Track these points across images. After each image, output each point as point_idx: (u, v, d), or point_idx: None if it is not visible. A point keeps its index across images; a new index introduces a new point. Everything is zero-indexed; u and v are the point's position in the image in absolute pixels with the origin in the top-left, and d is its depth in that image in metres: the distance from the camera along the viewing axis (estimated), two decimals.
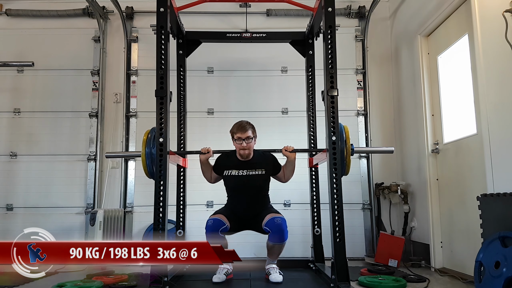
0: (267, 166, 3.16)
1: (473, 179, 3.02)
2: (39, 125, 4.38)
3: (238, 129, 3.06)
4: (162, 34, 2.87)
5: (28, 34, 4.50)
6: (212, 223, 2.90)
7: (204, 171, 3.20)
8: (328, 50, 2.90)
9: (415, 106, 3.92)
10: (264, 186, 3.19)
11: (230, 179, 3.13)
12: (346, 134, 2.90)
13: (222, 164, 3.17)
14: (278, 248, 3.02)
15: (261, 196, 3.17)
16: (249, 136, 3.04)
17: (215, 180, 3.25)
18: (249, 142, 3.05)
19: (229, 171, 3.12)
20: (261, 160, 3.16)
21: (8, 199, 4.26)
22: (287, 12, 4.51)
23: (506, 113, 2.57)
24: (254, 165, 3.12)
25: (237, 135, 3.05)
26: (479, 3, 2.84)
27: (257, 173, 3.11)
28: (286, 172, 3.21)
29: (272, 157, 3.24)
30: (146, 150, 2.84)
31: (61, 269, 3.73)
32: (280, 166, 3.23)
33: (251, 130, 3.07)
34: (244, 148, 3.05)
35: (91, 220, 3.79)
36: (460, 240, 3.24)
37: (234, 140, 3.08)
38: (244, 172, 3.10)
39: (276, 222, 2.90)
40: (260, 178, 3.12)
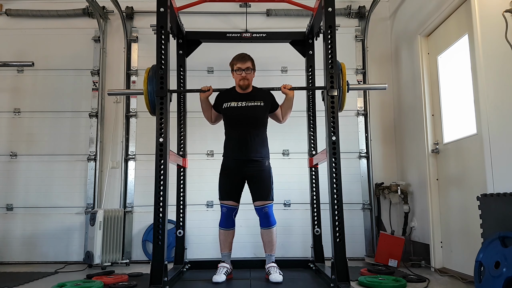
0: (265, 99, 3.22)
1: (473, 179, 3.02)
2: (39, 125, 4.38)
3: (238, 59, 3.15)
4: (162, 34, 2.87)
5: (28, 34, 4.50)
6: (226, 210, 3.13)
7: (204, 109, 3.27)
8: (328, 50, 2.90)
9: (415, 106, 3.92)
10: (263, 120, 3.22)
11: (229, 110, 3.18)
12: (343, 69, 2.93)
13: (221, 99, 3.24)
14: (269, 234, 3.12)
15: (259, 132, 3.18)
16: (249, 66, 3.14)
17: (215, 118, 3.31)
18: (249, 73, 3.14)
19: (229, 103, 3.18)
20: (260, 93, 3.24)
21: (8, 199, 4.26)
22: (287, 12, 4.51)
23: (506, 113, 2.57)
24: (254, 97, 3.20)
25: (237, 65, 3.14)
26: (479, 3, 2.84)
27: (256, 104, 3.17)
28: (284, 109, 3.27)
29: (271, 93, 3.30)
30: (148, 88, 2.90)
31: (61, 269, 3.74)
32: (277, 104, 3.29)
33: (250, 61, 3.17)
34: (244, 78, 3.12)
35: (91, 220, 3.80)
36: (460, 240, 3.24)
37: (234, 71, 3.17)
38: (243, 103, 3.16)
39: (264, 211, 3.10)
40: (259, 110, 3.18)
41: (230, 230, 3.16)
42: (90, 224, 3.80)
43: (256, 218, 3.18)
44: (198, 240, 4.10)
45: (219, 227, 3.17)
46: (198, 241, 4.10)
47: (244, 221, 3.82)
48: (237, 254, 3.70)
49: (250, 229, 4.02)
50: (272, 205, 3.15)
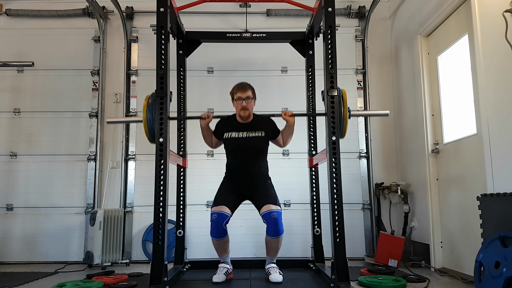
0: (266, 128, 3.19)
1: (473, 179, 3.02)
2: (39, 125, 4.38)
3: (239, 89, 3.11)
4: (162, 34, 2.87)
5: (28, 34, 4.50)
6: (216, 217, 2.95)
7: (205, 136, 3.24)
8: (328, 50, 2.90)
9: (415, 106, 3.92)
10: (263, 149, 3.21)
11: (230, 141, 3.15)
12: (344, 97, 2.92)
13: (222, 127, 3.21)
14: (275, 243, 3.03)
15: (260, 160, 3.18)
16: (249, 96, 3.10)
17: (216, 144, 3.29)
18: (249, 102, 3.10)
19: (229, 133, 3.15)
20: (260, 123, 3.20)
21: (8, 199, 4.26)
22: (287, 12, 4.51)
23: (506, 113, 2.57)
24: (254, 127, 3.16)
25: (237, 94, 3.10)
26: (479, 3, 2.84)
27: (256, 135, 3.14)
28: (285, 136, 3.24)
29: (271, 120, 3.27)
30: (147, 115, 2.87)
31: (61, 269, 3.74)
32: (278, 130, 3.26)
33: (251, 90, 3.13)
34: (244, 108, 3.09)
35: (91, 220, 3.80)
36: (460, 240, 3.24)
37: (234, 100, 3.13)
38: (244, 134, 3.13)
39: (273, 217, 2.93)
40: (260, 140, 3.15)
41: (223, 239, 3.01)
42: (90, 224, 3.80)
43: (256, 218, 3.16)
44: (198, 240, 4.10)
45: (211, 237, 3.00)
46: (198, 241, 4.10)
47: (244, 221, 3.83)
48: (237, 254, 3.70)
49: (250, 229, 4.03)
50: (281, 212, 3.00)
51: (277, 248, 3.08)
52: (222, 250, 3.10)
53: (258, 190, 3.12)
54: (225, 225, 2.96)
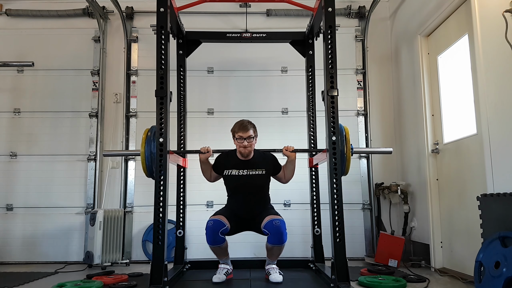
0: (267, 166, 3.15)
1: (473, 179, 3.02)
2: (39, 125, 4.38)
3: (240, 128, 3.05)
4: (162, 34, 2.87)
5: (28, 34, 4.50)
6: (212, 224, 2.90)
7: (204, 170, 3.20)
8: (328, 50, 2.90)
9: (415, 106, 3.92)
10: (264, 186, 3.18)
11: (231, 178, 3.12)
12: (346, 135, 2.90)
13: (222, 164, 3.17)
14: (278, 249, 3.01)
15: (261, 196, 3.17)
16: (250, 135, 3.04)
17: (214, 179, 3.25)
18: (251, 142, 3.05)
19: (230, 170, 3.12)
20: (261, 160, 3.15)
21: (8, 199, 4.26)
22: (287, 12, 4.51)
23: (506, 113, 2.57)
24: (255, 164, 3.12)
25: (239, 134, 3.04)
26: (479, 3, 2.84)
27: (257, 173, 3.11)
28: (287, 172, 3.21)
29: (273, 157, 3.23)
30: (145, 149, 2.83)
31: (61, 269, 3.74)
32: (280, 166, 3.22)
33: (252, 129, 3.07)
34: (245, 147, 3.05)
35: (91, 220, 3.80)
36: (460, 240, 3.24)
37: (236, 139, 3.08)
38: (244, 172, 3.10)
39: (275, 224, 2.87)
40: (260, 178, 3.12)
41: (220, 246, 2.96)
42: (90, 224, 3.80)
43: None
44: (198, 240, 4.08)
45: (208, 244, 2.95)
46: (198, 241, 4.09)
47: None
48: (237, 254, 3.70)
49: None
50: (284, 222, 2.93)
51: (279, 254, 3.07)
52: (221, 255, 3.08)
53: (258, 215, 3.07)
54: (221, 233, 2.90)
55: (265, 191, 3.20)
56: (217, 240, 2.91)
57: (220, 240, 2.92)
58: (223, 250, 3.04)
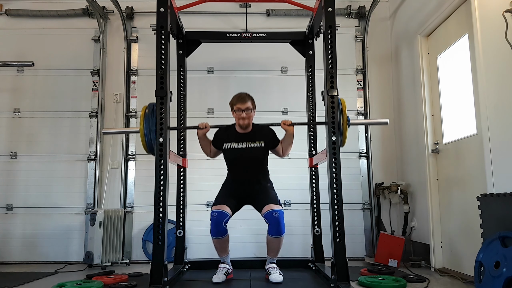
0: (266, 138, 3.19)
1: (473, 179, 3.02)
2: (39, 125, 4.38)
3: (238, 100, 3.11)
4: (162, 34, 2.87)
5: (28, 34, 4.50)
6: (216, 215, 2.96)
7: (203, 146, 3.25)
8: (328, 50, 2.90)
9: (415, 106, 3.92)
10: (263, 159, 3.21)
11: (230, 152, 3.16)
12: (343, 107, 2.92)
13: (221, 138, 3.21)
14: (277, 242, 3.03)
15: (260, 170, 3.20)
16: (248, 107, 3.09)
17: (214, 154, 3.29)
18: (249, 113, 3.10)
19: (229, 144, 3.16)
20: (260, 133, 3.19)
21: (8, 199, 4.26)
22: (287, 12, 4.51)
23: (506, 113, 2.57)
24: (253, 137, 3.16)
25: (237, 105, 3.10)
26: (479, 3, 2.84)
27: (256, 145, 3.14)
28: (284, 145, 3.23)
29: (271, 130, 3.27)
30: (144, 126, 2.85)
31: (61, 269, 3.74)
32: (278, 139, 3.26)
33: (250, 101, 3.13)
34: (244, 118, 3.09)
35: (91, 220, 3.80)
36: (460, 240, 3.24)
37: (234, 111, 3.13)
38: (243, 144, 3.13)
39: (274, 216, 2.93)
40: (259, 150, 3.15)
41: (223, 238, 3.01)
42: (90, 224, 3.80)
43: (256, 218, 3.16)
44: (198, 240, 4.10)
45: (211, 236, 3.01)
46: (198, 241, 4.10)
47: (244, 221, 3.82)
48: (237, 254, 3.70)
49: (250, 229, 4.03)
50: (283, 212, 2.99)
51: (278, 247, 3.08)
52: (222, 249, 3.10)
53: (259, 193, 3.13)
54: (225, 224, 2.96)
55: (264, 164, 3.23)
56: (220, 231, 2.96)
57: (223, 231, 2.97)
58: (225, 242, 3.07)
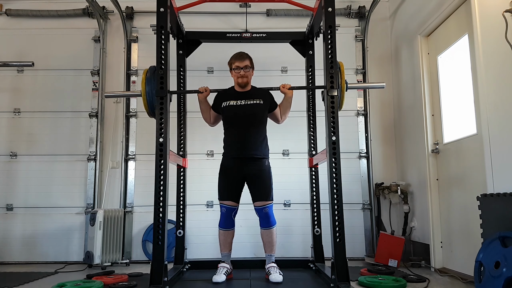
0: (265, 97, 3.23)
1: (473, 179, 3.02)
2: (39, 125, 4.38)
3: (237, 58, 3.17)
4: (162, 34, 2.87)
5: (28, 34, 4.50)
6: (226, 210, 3.12)
7: (203, 110, 3.28)
8: (328, 50, 2.90)
9: (415, 106, 3.92)
10: (262, 117, 3.22)
11: (229, 109, 3.18)
12: (342, 70, 2.93)
13: (220, 98, 3.25)
14: (269, 234, 3.12)
15: (258, 130, 3.17)
16: (247, 65, 3.16)
17: (214, 119, 3.31)
18: (247, 71, 3.16)
19: (228, 101, 3.19)
20: (259, 92, 3.25)
21: (8, 199, 4.26)
22: (287, 12, 4.51)
23: (506, 113, 2.57)
24: (253, 95, 3.21)
25: (236, 64, 3.16)
26: (479, 3, 2.84)
27: (255, 102, 3.18)
28: (282, 110, 3.27)
29: (269, 92, 3.30)
30: (146, 89, 2.89)
31: (61, 269, 3.74)
32: (276, 103, 3.30)
33: (248, 59, 3.19)
34: (243, 76, 3.14)
35: (91, 220, 3.79)
36: (460, 240, 3.24)
37: (233, 70, 3.18)
38: (242, 102, 3.17)
39: (264, 211, 3.09)
40: (258, 107, 3.18)
41: (229, 230, 3.15)
42: (90, 224, 3.80)
43: (256, 218, 3.17)
44: (198, 240, 4.10)
45: (219, 227, 3.16)
46: (198, 241, 4.10)
47: (244, 221, 3.82)
48: (237, 254, 3.70)
49: (250, 229, 4.02)
50: (272, 205, 3.14)
51: (271, 240, 3.13)
52: (226, 243, 3.16)
53: (256, 177, 3.12)
54: (233, 216, 3.13)
55: (262, 124, 3.23)
56: (229, 224, 3.13)
57: (231, 224, 3.14)
58: (230, 236, 3.16)
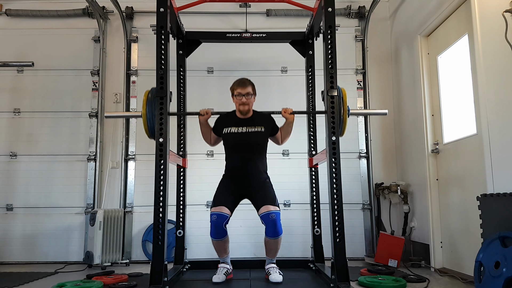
0: (266, 124, 3.19)
1: (473, 179, 3.02)
2: (39, 125, 4.38)
3: (239, 84, 3.12)
4: (162, 34, 2.87)
5: (28, 34, 4.50)
6: (216, 218, 2.94)
7: (204, 132, 3.24)
8: (328, 50, 2.90)
9: (415, 106, 3.92)
10: (263, 145, 3.20)
11: (230, 136, 3.15)
12: (344, 96, 2.93)
13: (221, 123, 3.21)
14: (274, 243, 3.03)
15: (259, 156, 3.17)
16: (249, 92, 3.10)
17: (214, 141, 3.28)
18: (249, 98, 3.11)
19: (229, 128, 3.15)
20: (260, 118, 3.20)
21: (8, 199, 4.26)
22: (287, 12, 4.51)
23: (506, 113, 2.57)
24: (254, 122, 3.16)
25: (237, 90, 3.11)
26: (479, 3, 2.84)
27: (256, 130, 3.14)
28: (283, 133, 3.24)
29: (271, 117, 3.27)
30: (147, 110, 2.85)
31: (61, 269, 3.74)
32: (277, 127, 3.26)
33: (251, 86, 3.13)
34: (244, 103, 3.09)
35: (91, 220, 3.80)
36: (460, 240, 3.24)
37: (234, 96, 3.14)
38: (243, 129, 3.13)
39: (271, 218, 2.93)
40: (259, 135, 3.15)
41: (223, 240, 3.01)
42: (90, 224, 3.80)
43: (256, 218, 3.15)
44: (198, 240, 4.10)
45: (211, 237, 3.00)
46: (198, 241, 4.10)
47: (244, 221, 3.82)
48: (237, 254, 3.70)
49: (250, 229, 4.03)
50: (280, 213, 3.00)
51: (276, 248, 3.08)
52: (222, 250, 3.10)
53: (257, 189, 3.10)
54: (224, 225, 2.95)
55: (263, 151, 3.21)
56: (221, 233, 2.96)
57: (223, 233, 2.97)
58: (225, 244, 3.06)
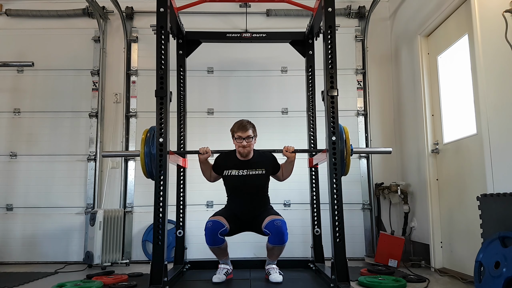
0: (267, 165, 3.16)
1: (473, 179, 3.02)
2: (39, 125, 4.38)
3: (239, 128, 3.05)
4: (162, 34, 2.87)
5: (28, 34, 4.50)
6: (211, 225, 2.89)
7: (204, 170, 3.20)
8: (328, 50, 2.90)
9: (415, 106, 3.92)
10: (264, 186, 3.18)
11: (230, 179, 3.12)
12: (346, 135, 2.91)
13: (221, 164, 3.17)
14: (278, 250, 3.01)
15: (261, 196, 3.17)
16: (249, 135, 3.04)
17: (214, 179, 3.25)
18: (250, 141, 3.05)
19: (229, 171, 3.12)
20: (261, 160, 3.15)
21: (8, 199, 4.26)
22: (287, 12, 4.51)
23: (506, 113, 2.57)
24: (254, 164, 3.12)
25: (238, 134, 3.04)
26: (479, 3, 2.84)
27: (257, 172, 3.11)
28: (285, 171, 3.22)
29: (272, 156, 3.24)
30: (145, 149, 2.83)
31: (61, 269, 3.74)
32: (279, 165, 3.23)
33: (251, 129, 3.07)
34: (244, 147, 3.05)
35: (91, 220, 3.80)
36: (460, 240, 3.24)
37: (235, 139, 3.08)
38: (244, 172, 3.10)
39: (276, 224, 2.87)
40: (260, 178, 3.12)
41: (219, 247, 2.95)
42: (90, 224, 3.80)
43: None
44: (198, 240, 4.08)
45: (207, 245, 2.95)
46: (198, 241, 4.08)
47: None
48: (237, 254, 3.70)
49: None
50: (285, 222, 2.92)
51: (279, 254, 3.07)
52: (220, 255, 3.09)
53: (258, 215, 3.07)
54: (220, 234, 2.89)
55: (264, 191, 3.20)
56: (217, 241, 2.91)
57: (219, 241, 2.92)
58: (223, 250, 3.04)
